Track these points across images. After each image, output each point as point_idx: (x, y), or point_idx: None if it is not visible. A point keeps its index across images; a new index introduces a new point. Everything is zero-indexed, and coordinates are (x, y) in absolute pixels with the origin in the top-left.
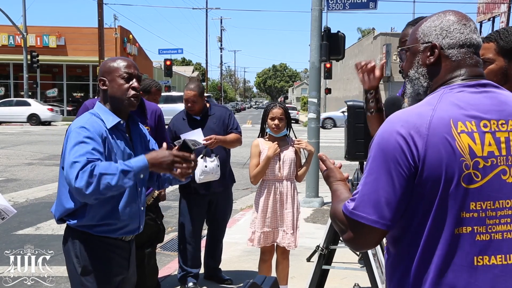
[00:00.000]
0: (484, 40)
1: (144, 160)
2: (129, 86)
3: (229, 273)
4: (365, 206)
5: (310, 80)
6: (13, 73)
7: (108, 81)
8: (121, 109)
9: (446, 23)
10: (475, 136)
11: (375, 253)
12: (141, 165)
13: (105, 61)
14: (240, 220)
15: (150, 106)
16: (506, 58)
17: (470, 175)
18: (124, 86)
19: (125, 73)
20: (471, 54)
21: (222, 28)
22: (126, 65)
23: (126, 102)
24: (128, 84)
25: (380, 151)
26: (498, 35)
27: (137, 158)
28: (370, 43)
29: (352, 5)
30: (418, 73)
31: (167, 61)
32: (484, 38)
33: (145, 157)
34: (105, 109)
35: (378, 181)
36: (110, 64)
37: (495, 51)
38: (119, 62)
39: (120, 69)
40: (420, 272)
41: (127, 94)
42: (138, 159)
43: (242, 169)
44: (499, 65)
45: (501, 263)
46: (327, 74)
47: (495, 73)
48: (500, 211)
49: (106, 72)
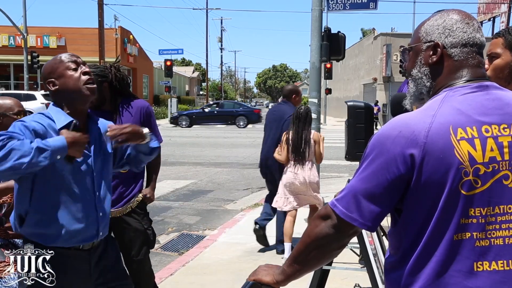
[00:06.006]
0: (493, 36)
1: (62, 139)
2: (80, 73)
3: (229, 273)
4: (348, 202)
5: (311, 81)
6: (13, 73)
7: (56, 79)
8: (78, 104)
9: (449, 22)
10: (475, 142)
11: (376, 253)
12: (59, 145)
13: (45, 65)
14: (240, 220)
15: (136, 103)
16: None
17: (469, 182)
18: (75, 75)
19: (71, 62)
20: (474, 54)
21: (222, 29)
22: (68, 56)
23: (83, 91)
24: (78, 72)
25: (374, 151)
26: (507, 31)
27: (55, 138)
28: (370, 43)
29: (352, 5)
30: (421, 73)
31: (168, 61)
32: (494, 34)
33: (64, 137)
34: (58, 109)
35: (363, 181)
36: (51, 63)
37: (503, 46)
38: (59, 57)
39: (63, 62)
40: (416, 276)
41: (80, 81)
42: (56, 138)
43: (242, 169)
44: (505, 60)
45: (503, 268)
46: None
47: (502, 68)
48: (501, 216)
49: (51, 72)
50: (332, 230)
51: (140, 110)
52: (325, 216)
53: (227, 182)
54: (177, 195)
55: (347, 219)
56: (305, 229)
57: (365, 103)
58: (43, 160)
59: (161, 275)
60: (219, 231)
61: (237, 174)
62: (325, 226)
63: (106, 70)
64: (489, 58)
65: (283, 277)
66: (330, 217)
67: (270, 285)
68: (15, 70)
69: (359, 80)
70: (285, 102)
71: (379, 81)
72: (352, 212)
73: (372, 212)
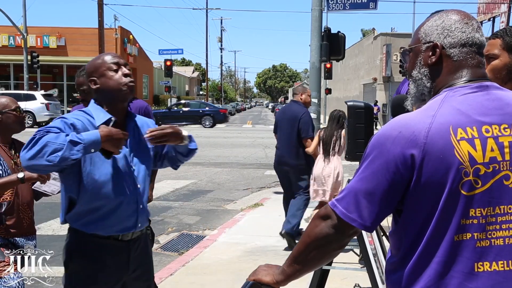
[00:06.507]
0: (491, 36)
1: (96, 133)
2: (121, 74)
3: (229, 273)
4: (348, 202)
5: (310, 80)
6: (13, 73)
7: (97, 78)
8: (117, 103)
9: (447, 22)
10: (475, 142)
11: (376, 253)
12: (93, 138)
13: (88, 63)
14: (240, 221)
15: (135, 103)
16: (511, 54)
17: (470, 182)
18: (116, 75)
19: (112, 63)
20: (473, 54)
21: (222, 29)
22: (111, 57)
23: (123, 90)
24: (119, 73)
25: (374, 151)
26: (505, 31)
27: (90, 131)
28: (370, 43)
29: (352, 5)
30: (420, 73)
31: (167, 61)
32: (491, 35)
33: (98, 131)
34: (98, 107)
35: (363, 181)
36: (94, 62)
37: (501, 47)
38: (102, 57)
39: (106, 62)
40: (417, 277)
41: (121, 82)
42: (90, 132)
43: (242, 169)
44: (503, 61)
45: (503, 269)
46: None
47: (500, 69)
48: (501, 217)
49: (93, 71)
50: (332, 230)
51: (139, 110)
52: (325, 216)
53: (227, 182)
54: (177, 195)
55: (346, 219)
56: (305, 229)
57: (365, 103)
58: (76, 153)
59: (161, 275)
60: (219, 231)
61: (237, 174)
62: (325, 226)
63: None
64: (487, 59)
65: (283, 277)
66: (330, 217)
67: (270, 285)
68: (15, 70)
69: (359, 80)
70: (295, 102)
71: (379, 81)
72: (351, 213)
73: (371, 212)
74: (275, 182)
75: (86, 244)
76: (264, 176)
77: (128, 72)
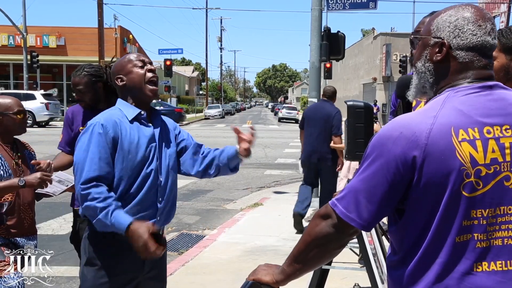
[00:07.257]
0: None
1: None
2: (146, 70)
3: (228, 273)
4: (348, 202)
5: (310, 80)
6: (13, 73)
7: (124, 75)
8: (142, 99)
9: (461, 22)
10: (477, 143)
11: (375, 253)
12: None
13: (115, 63)
14: (240, 220)
15: None
16: (508, 55)
17: (471, 183)
18: (141, 72)
19: (138, 61)
20: (480, 57)
21: (222, 28)
22: (136, 56)
23: (147, 85)
24: (144, 69)
25: (375, 151)
26: (501, 33)
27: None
28: (370, 43)
29: (352, 5)
30: (425, 67)
31: (167, 61)
32: None
33: (129, 221)
34: (124, 102)
35: (363, 181)
36: (121, 62)
37: (498, 49)
38: (128, 56)
39: (132, 60)
40: (419, 277)
41: (145, 78)
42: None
43: (242, 169)
44: (500, 63)
45: (501, 269)
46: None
47: (497, 70)
48: (501, 217)
49: (120, 69)
50: (332, 230)
51: None
52: (326, 216)
53: (226, 181)
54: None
55: (346, 219)
56: (306, 228)
57: (365, 103)
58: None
59: None
60: (218, 231)
61: (237, 174)
62: (325, 226)
63: (101, 70)
64: None
65: (283, 277)
66: (330, 216)
67: (270, 285)
68: (14, 69)
69: (359, 80)
70: (326, 101)
71: (379, 80)
72: (350, 212)
73: (370, 212)
74: (275, 182)
75: (105, 236)
76: (263, 175)
77: (152, 68)
